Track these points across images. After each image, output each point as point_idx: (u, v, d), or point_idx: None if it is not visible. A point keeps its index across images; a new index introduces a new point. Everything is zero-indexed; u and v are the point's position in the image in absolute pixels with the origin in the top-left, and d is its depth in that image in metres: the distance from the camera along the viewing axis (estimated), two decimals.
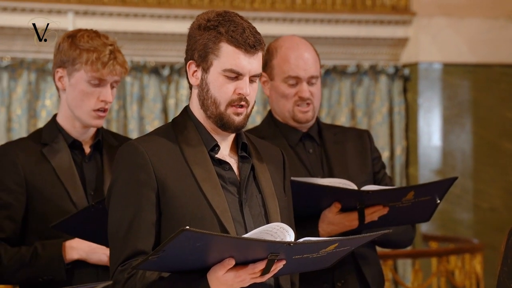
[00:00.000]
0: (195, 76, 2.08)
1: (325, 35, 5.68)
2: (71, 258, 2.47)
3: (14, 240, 2.50)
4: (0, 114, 5.16)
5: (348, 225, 2.57)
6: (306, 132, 2.75)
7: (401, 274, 5.65)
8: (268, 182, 2.13)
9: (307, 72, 2.69)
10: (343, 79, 5.78)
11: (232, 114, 2.07)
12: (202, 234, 1.83)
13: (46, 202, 2.48)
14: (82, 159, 2.56)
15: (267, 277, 1.94)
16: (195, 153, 2.07)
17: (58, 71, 2.55)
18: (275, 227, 1.91)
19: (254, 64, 2.07)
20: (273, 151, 2.21)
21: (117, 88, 6.06)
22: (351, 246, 2.03)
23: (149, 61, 5.45)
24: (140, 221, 2.01)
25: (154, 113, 5.46)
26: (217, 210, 2.02)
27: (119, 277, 1.99)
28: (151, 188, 2.02)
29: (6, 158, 2.51)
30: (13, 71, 5.20)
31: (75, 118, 2.56)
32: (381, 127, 5.80)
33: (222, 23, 2.05)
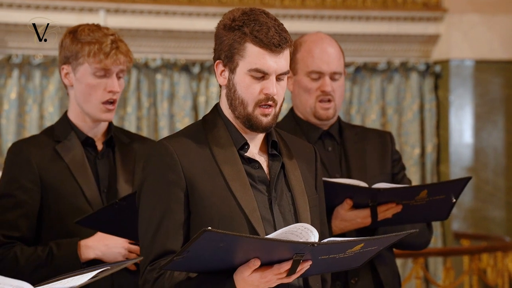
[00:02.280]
0: (223, 76, 2.08)
1: (355, 32, 5.65)
2: (87, 258, 2.47)
3: (29, 238, 2.50)
4: (32, 111, 5.21)
5: (361, 222, 2.56)
6: (327, 130, 2.74)
7: (432, 272, 5.61)
8: (298, 179, 2.12)
9: (330, 67, 2.68)
10: (373, 76, 5.75)
11: (259, 115, 2.06)
12: (224, 235, 1.83)
13: (60, 200, 2.49)
14: (95, 156, 2.57)
15: (294, 277, 1.94)
16: (224, 152, 2.06)
17: (64, 67, 2.55)
18: (300, 228, 1.91)
19: (281, 63, 2.05)
20: (305, 148, 2.20)
21: (148, 86, 6.05)
22: (379, 246, 2.02)
23: (179, 58, 5.47)
24: (169, 220, 2.01)
25: (184, 111, 5.47)
26: (246, 210, 2.02)
27: (148, 277, 2.00)
28: (180, 187, 2.02)
29: (21, 156, 2.52)
30: (45, 69, 5.24)
31: (84, 113, 2.56)
32: (411, 124, 5.76)
33: (247, 23, 2.04)
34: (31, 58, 5.19)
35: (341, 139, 2.74)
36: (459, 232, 5.61)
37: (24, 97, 5.21)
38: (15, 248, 2.47)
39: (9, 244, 2.48)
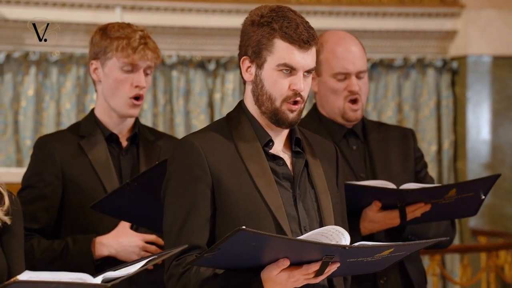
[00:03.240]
0: (249, 72, 2.10)
1: (371, 29, 5.63)
2: (100, 254, 2.48)
3: (48, 231, 2.53)
4: (49, 108, 5.23)
5: (390, 222, 2.56)
6: (351, 128, 2.73)
7: (449, 269, 5.58)
8: (321, 177, 2.13)
9: (356, 66, 2.67)
10: (390, 72, 5.73)
11: (286, 111, 2.07)
12: (258, 235, 1.84)
13: (81, 195, 2.51)
14: (119, 152, 2.58)
15: (321, 278, 1.95)
16: (249, 149, 2.08)
17: (93, 63, 2.58)
18: (331, 230, 1.91)
19: (308, 59, 2.07)
20: (326, 146, 2.21)
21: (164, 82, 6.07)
22: (407, 251, 2.02)
23: (195, 55, 5.48)
24: (195, 216, 2.02)
25: (200, 107, 5.48)
26: (271, 206, 2.03)
27: (174, 271, 2.01)
28: (206, 183, 2.03)
29: (44, 150, 2.54)
30: (62, 66, 5.27)
31: (111, 109, 2.58)
32: (428, 121, 5.73)
33: (276, 19, 2.06)
34: (48, 55, 5.21)
35: (365, 137, 2.74)
36: (476, 229, 5.58)
37: (42, 94, 5.24)
38: (33, 240, 2.50)
39: (27, 236, 2.49)
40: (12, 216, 1.98)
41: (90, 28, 5.20)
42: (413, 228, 2.62)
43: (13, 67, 5.18)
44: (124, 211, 2.46)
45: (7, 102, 5.15)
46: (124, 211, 2.46)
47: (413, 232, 2.63)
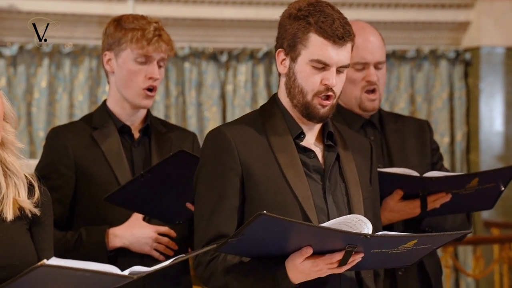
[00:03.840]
0: (283, 65, 2.12)
1: (384, 20, 5.61)
2: (114, 246, 2.49)
3: (61, 222, 2.53)
4: (62, 100, 5.25)
5: (410, 212, 2.55)
6: (368, 119, 2.73)
7: (462, 261, 5.57)
8: (353, 171, 2.14)
9: (375, 57, 2.67)
10: (402, 64, 5.71)
11: (317, 105, 2.09)
12: (279, 220, 1.86)
13: (94, 186, 2.52)
14: (131, 144, 2.59)
15: (345, 268, 1.95)
16: (280, 140, 2.10)
17: (106, 54, 2.59)
18: (354, 219, 1.92)
19: (342, 56, 2.08)
20: (361, 141, 2.23)
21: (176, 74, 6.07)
22: (432, 244, 2.02)
23: (207, 47, 5.48)
24: (224, 205, 2.06)
25: (212, 99, 5.48)
26: (299, 197, 2.05)
27: (202, 259, 2.05)
28: (236, 173, 2.06)
29: (57, 141, 2.55)
30: (75, 57, 5.28)
31: (124, 100, 2.58)
32: (441, 112, 5.71)
33: (312, 13, 2.07)
34: (61, 47, 5.23)
35: (382, 128, 2.74)
36: (489, 221, 5.56)
37: (54, 86, 5.26)
38: None
39: None
40: (42, 207, 2.00)
41: (103, 20, 5.20)
42: (429, 220, 2.61)
43: (26, 59, 5.20)
44: (137, 203, 2.47)
45: (20, 93, 5.18)
46: (137, 203, 2.47)
47: (430, 224, 2.63)
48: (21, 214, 1.97)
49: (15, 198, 1.95)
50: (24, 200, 1.96)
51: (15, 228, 1.95)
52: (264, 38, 5.50)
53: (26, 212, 1.97)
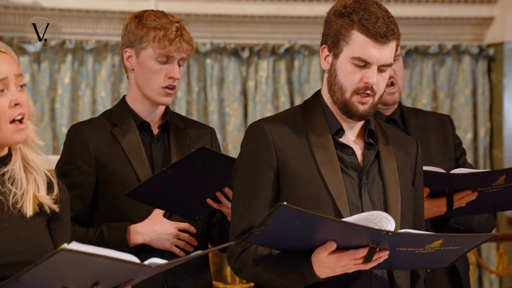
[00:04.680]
0: (327, 61, 2.12)
1: (407, 15, 5.58)
2: (135, 242, 2.50)
3: (82, 219, 2.54)
4: (85, 96, 5.29)
5: (436, 210, 2.53)
6: (390, 115, 2.72)
7: (485, 258, 5.54)
8: (393, 170, 2.14)
9: None
10: (425, 60, 5.68)
11: (356, 103, 2.09)
12: (299, 211, 1.87)
13: (114, 182, 2.52)
14: (150, 140, 2.59)
15: (370, 265, 1.95)
16: (318, 136, 2.11)
17: (127, 51, 2.58)
18: (378, 216, 1.92)
19: (384, 54, 2.07)
20: (407, 142, 2.22)
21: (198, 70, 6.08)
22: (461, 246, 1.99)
23: (229, 43, 5.49)
24: (258, 197, 2.08)
25: (233, 95, 5.49)
26: (333, 193, 2.06)
27: (234, 250, 2.08)
28: (271, 166, 2.08)
29: (78, 137, 2.55)
30: (98, 54, 5.31)
31: (143, 97, 2.58)
32: (464, 108, 5.68)
33: (357, 11, 2.07)
34: (84, 43, 5.26)
35: (403, 124, 2.73)
36: None
37: (77, 82, 5.29)
38: None
39: None
40: (61, 204, 2.01)
41: (125, 16, 5.22)
42: (457, 220, 2.59)
43: (50, 55, 5.24)
44: (158, 198, 2.48)
45: (43, 90, 5.22)
46: (158, 199, 2.48)
47: (457, 220, 2.61)
48: (40, 210, 1.98)
49: (34, 194, 1.96)
50: (44, 196, 1.97)
51: (35, 224, 1.96)
52: (285, 34, 5.49)
53: (45, 208, 1.99)
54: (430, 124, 2.74)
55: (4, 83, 1.92)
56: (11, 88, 1.92)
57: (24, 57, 5.18)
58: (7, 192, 1.95)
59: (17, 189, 1.95)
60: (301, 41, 5.50)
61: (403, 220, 2.11)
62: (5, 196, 1.95)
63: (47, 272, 1.74)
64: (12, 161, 1.96)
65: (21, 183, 1.96)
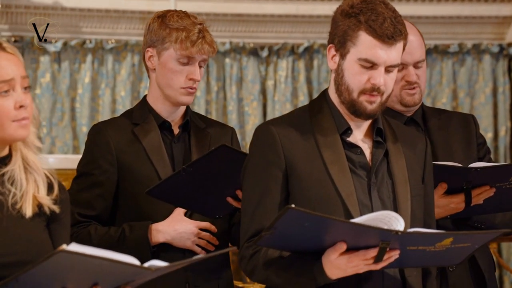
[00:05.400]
0: (333, 61, 2.12)
1: (426, 15, 5.56)
2: (157, 241, 2.51)
3: (104, 218, 2.56)
4: (105, 95, 5.31)
5: (454, 207, 2.51)
6: (411, 116, 2.71)
7: (505, 258, 5.51)
8: (402, 168, 2.13)
9: (413, 57, 2.65)
10: (444, 59, 5.66)
11: (364, 102, 2.08)
12: (307, 214, 1.86)
13: (135, 182, 2.53)
14: (171, 140, 2.60)
15: (381, 265, 1.94)
16: (326, 136, 2.10)
17: (149, 50, 2.59)
18: (387, 215, 1.91)
19: (392, 55, 2.07)
20: (416, 139, 2.21)
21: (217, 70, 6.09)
22: (473, 243, 1.99)
23: (248, 42, 5.49)
24: (268, 199, 2.07)
25: (252, 95, 5.50)
26: (342, 193, 2.05)
27: (245, 253, 2.08)
28: (280, 168, 2.08)
29: (100, 137, 2.57)
30: (118, 53, 5.34)
31: (164, 97, 2.60)
32: (484, 108, 5.64)
33: (364, 11, 2.06)
34: (104, 43, 5.29)
35: (425, 125, 2.71)
36: None
37: (97, 82, 5.32)
38: (90, 227, 2.53)
39: (84, 223, 2.54)
40: (60, 204, 2.01)
41: (145, 16, 5.25)
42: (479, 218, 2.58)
43: (70, 55, 5.27)
44: (178, 196, 2.49)
45: (64, 89, 5.25)
46: (178, 197, 2.49)
47: (479, 219, 2.59)
48: (40, 211, 1.99)
49: (34, 195, 1.97)
50: (44, 196, 1.98)
51: (34, 225, 1.97)
52: (304, 33, 5.49)
53: (44, 209, 1.99)
54: (453, 125, 2.72)
55: (10, 84, 1.93)
56: (17, 89, 1.94)
57: (44, 57, 5.22)
58: (7, 193, 1.95)
59: (16, 190, 1.95)
60: (320, 41, 5.49)
61: (413, 218, 2.10)
62: (5, 196, 1.95)
63: (46, 273, 1.74)
64: (12, 162, 1.97)
65: (21, 184, 1.96)
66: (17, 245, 1.93)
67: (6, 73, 1.92)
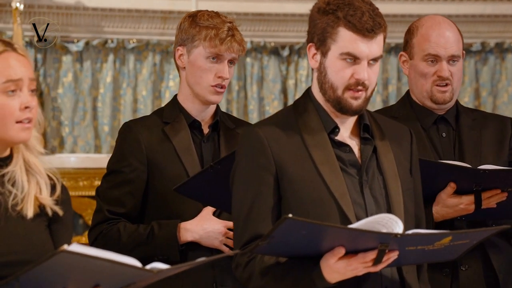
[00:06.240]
0: (315, 59, 2.09)
1: (449, 13, 5.52)
2: (185, 240, 2.52)
3: (133, 215, 2.57)
4: (126, 95, 5.33)
5: (464, 208, 2.49)
6: (442, 115, 2.68)
7: None
8: (391, 163, 2.11)
9: (448, 51, 2.63)
10: (467, 58, 5.62)
11: (349, 98, 2.05)
12: (305, 223, 1.85)
13: (165, 180, 2.54)
14: (201, 139, 2.61)
15: (380, 267, 1.93)
16: (314, 136, 2.07)
17: (179, 49, 2.61)
18: (385, 218, 1.90)
19: (373, 48, 2.04)
20: (400, 130, 2.18)
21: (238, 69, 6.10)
22: (471, 240, 1.98)
23: (269, 41, 5.49)
24: (260, 205, 2.04)
25: (273, 94, 5.49)
26: (335, 194, 2.03)
27: (240, 260, 2.05)
28: (270, 172, 2.05)
29: (130, 135, 2.59)
30: (139, 53, 5.36)
31: (194, 95, 2.61)
32: (507, 107, 5.60)
33: (341, 7, 2.04)
34: (125, 42, 5.31)
35: (457, 124, 2.68)
36: None
37: (119, 81, 5.34)
38: (119, 224, 2.55)
39: (114, 220, 2.56)
40: (62, 205, 2.01)
41: (166, 15, 5.26)
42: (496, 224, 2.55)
43: (92, 55, 5.29)
44: (206, 194, 2.49)
45: (86, 89, 5.28)
46: (205, 194, 2.49)
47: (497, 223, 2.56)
48: (41, 211, 1.99)
49: (36, 196, 1.97)
50: (46, 197, 1.98)
51: (34, 225, 1.97)
52: None
53: (46, 210, 1.99)
54: (486, 124, 2.68)
55: (18, 84, 1.93)
56: (23, 91, 1.94)
57: (67, 57, 5.25)
58: (7, 193, 1.95)
59: (18, 191, 1.95)
60: None
61: (406, 213, 2.09)
62: (4, 197, 1.95)
63: (47, 273, 1.74)
64: (13, 163, 1.97)
65: (22, 185, 1.96)
66: (17, 244, 1.93)
67: (15, 72, 1.93)
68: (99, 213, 2.59)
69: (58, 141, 5.22)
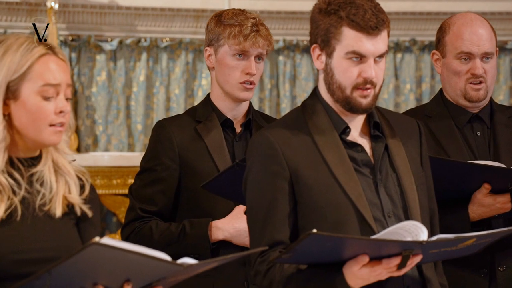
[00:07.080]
0: (320, 60, 2.06)
1: (482, 11, 5.47)
2: (216, 238, 2.53)
3: (165, 214, 2.58)
4: (159, 93, 5.37)
5: (500, 207, 2.48)
6: (476, 113, 2.66)
7: None
8: (403, 159, 2.09)
9: (481, 49, 2.60)
10: (501, 55, 5.55)
11: (358, 97, 2.03)
12: (330, 237, 1.85)
13: (196, 179, 2.55)
14: (233, 138, 2.62)
15: (404, 271, 1.93)
16: (325, 138, 2.05)
17: (207, 49, 2.63)
18: (408, 224, 1.89)
19: (378, 45, 2.02)
20: (408, 124, 2.17)
21: (270, 67, 6.09)
22: (493, 238, 1.99)
23: (301, 40, 5.48)
24: (276, 212, 2.03)
25: (306, 92, 5.48)
26: (351, 196, 2.01)
27: (259, 268, 2.04)
28: (284, 178, 2.03)
29: (163, 133, 2.60)
30: (172, 51, 5.38)
31: (225, 94, 2.62)
32: None
33: (343, 6, 2.01)
34: (158, 41, 5.34)
35: (491, 122, 2.66)
36: None
37: (152, 80, 5.37)
38: (151, 223, 2.57)
39: (146, 218, 2.58)
40: (90, 204, 2.03)
41: (199, 14, 5.28)
42: None
43: (125, 53, 5.33)
44: (233, 191, 2.49)
45: (119, 87, 5.32)
46: (232, 192, 2.50)
47: None
48: (69, 210, 2.01)
49: (65, 195, 1.99)
50: (74, 197, 2.00)
51: (63, 224, 1.98)
52: None
53: (75, 209, 2.01)
54: None
55: (56, 88, 1.96)
56: (60, 96, 1.96)
57: (100, 55, 5.30)
58: (35, 193, 1.97)
59: (46, 191, 1.97)
60: None
61: (422, 209, 2.08)
62: (33, 196, 1.97)
63: (78, 266, 1.75)
64: (42, 163, 1.99)
65: (51, 185, 1.98)
66: (45, 241, 1.95)
67: (54, 77, 1.95)
68: (131, 211, 2.61)
69: (92, 139, 5.27)
